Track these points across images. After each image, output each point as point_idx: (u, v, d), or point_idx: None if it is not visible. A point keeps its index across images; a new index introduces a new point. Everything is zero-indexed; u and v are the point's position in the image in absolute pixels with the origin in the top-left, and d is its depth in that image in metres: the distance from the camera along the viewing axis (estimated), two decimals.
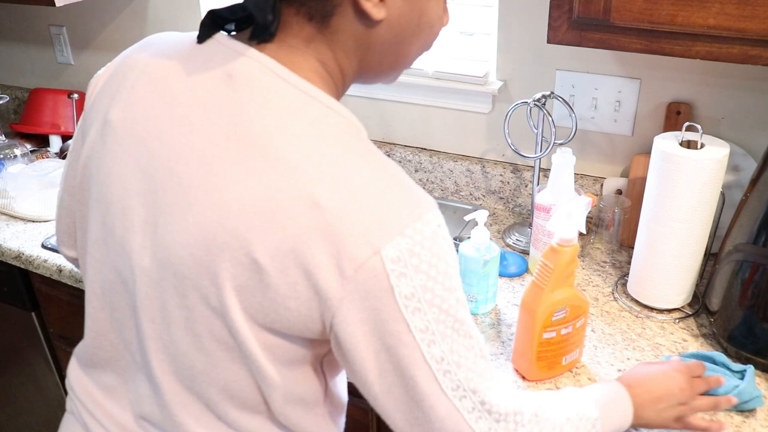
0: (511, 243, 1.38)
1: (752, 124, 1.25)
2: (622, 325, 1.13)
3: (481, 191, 1.53)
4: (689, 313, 1.14)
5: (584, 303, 0.98)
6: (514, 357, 1.03)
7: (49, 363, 1.63)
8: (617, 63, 1.31)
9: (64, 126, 1.89)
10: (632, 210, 1.29)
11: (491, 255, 1.11)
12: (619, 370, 1.02)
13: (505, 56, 1.40)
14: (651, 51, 0.98)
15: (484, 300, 1.15)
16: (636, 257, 1.15)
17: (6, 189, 1.57)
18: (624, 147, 1.38)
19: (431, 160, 1.55)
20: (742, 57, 0.93)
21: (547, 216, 1.18)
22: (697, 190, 1.03)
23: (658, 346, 1.07)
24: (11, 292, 1.56)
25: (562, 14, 1.01)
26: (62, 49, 1.99)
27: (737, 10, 0.89)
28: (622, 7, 0.96)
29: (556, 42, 1.04)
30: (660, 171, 1.06)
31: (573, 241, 0.92)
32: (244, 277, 0.60)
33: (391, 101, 1.55)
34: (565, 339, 0.98)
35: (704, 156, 1.02)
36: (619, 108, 1.34)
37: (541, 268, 0.94)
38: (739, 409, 0.94)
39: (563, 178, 1.18)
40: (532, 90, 1.39)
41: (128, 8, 1.82)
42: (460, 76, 1.43)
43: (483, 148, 1.51)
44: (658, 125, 1.32)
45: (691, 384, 0.87)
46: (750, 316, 1.01)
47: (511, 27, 1.37)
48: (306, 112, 0.62)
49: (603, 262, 1.30)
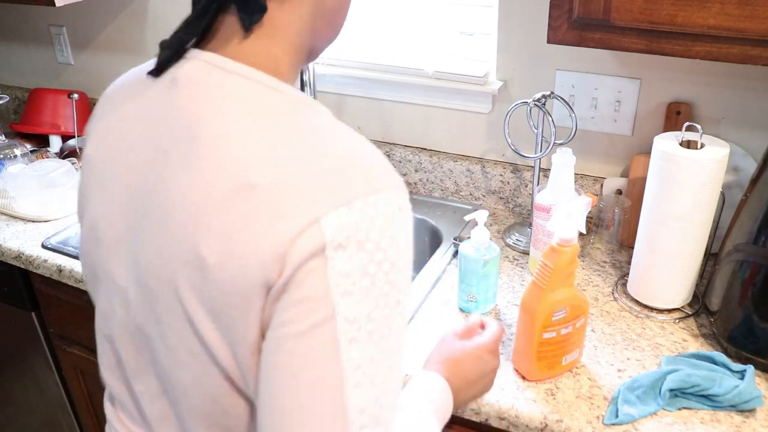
0: (511, 243, 1.38)
1: (752, 124, 1.25)
2: (622, 325, 1.13)
3: (481, 191, 1.53)
4: (689, 313, 1.14)
5: (584, 303, 0.98)
6: (514, 357, 1.03)
7: (49, 363, 1.63)
8: (617, 63, 1.31)
9: (64, 126, 1.89)
10: (632, 210, 1.29)
11: (491, 255, 1.11)
12: (619, 370, 1.02)
13: (505, 56, 1.41)
14: (651, 51, 0.98)
15: (484, 300, 1.15)
16: (636, 257, 1.16)
17: (6, 189, 1.57)
18: (624, 147, 1.38)
19: (431, 160, 1.55)
20: (742, 57, 0.93)
21: (547, 216, 1.18)
22: (697, 190, 1.03)
23: (658, 346, 1.07)
24: (11, 292, 1.56)
25: (562, 14, 1.01)
26: (62, 49, 1.99)
27: (737, 10, 0.89)
28: (622, 7, 0.96)
29: (556, 42, 1.04)
30: (660, 171, 1.06)
31: (573, 241, 0.92)
32: (197, 278, 0.56)
33: (391, 101, 1.55)
34: (565, 339, 0.98)
35: (704, 156, 1.02)
36: (619, 108, 1.34)
37: (541, 268, 0.94)
38: (739, 409, 0.94)
39: (563, 178, 1.18)
40: (532, 90, 1.39)
41: (128, 8, 1.82)
42: (460, 76, 1.43)
43: (483, 148, 1.51)
44: (658, 125, 1.32)
45: (498, 356, 0.86)
46: (750, 316, 1.01)
47: (511, 27, 1.37)
48: (244, 97, 0.59)
49: (603, 262, 1.30)
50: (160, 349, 0.64)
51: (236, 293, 0.55)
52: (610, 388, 0.99)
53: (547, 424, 0.94)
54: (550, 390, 0.99)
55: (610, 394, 0.98)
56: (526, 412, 0.95)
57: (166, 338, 0.62)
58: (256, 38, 0.62)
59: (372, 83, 1.53)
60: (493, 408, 0.97)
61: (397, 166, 1.59)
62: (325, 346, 0.53)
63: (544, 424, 0.94)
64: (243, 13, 0.61)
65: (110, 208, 0.67)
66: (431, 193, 1.59)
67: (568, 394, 0.98)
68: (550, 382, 1.01)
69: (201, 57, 0.62)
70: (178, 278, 0.58)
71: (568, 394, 0.98)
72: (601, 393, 0.98)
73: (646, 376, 0.97)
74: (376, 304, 0.54)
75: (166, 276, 0.59)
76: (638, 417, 0.93)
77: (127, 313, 0.67)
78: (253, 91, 0.60)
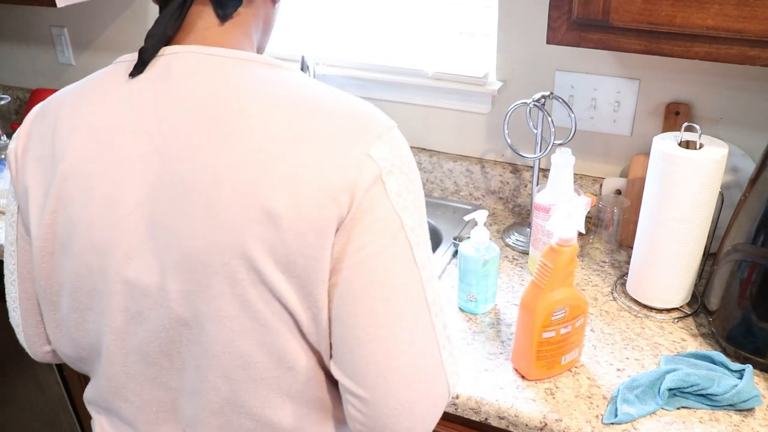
0: (510, 243, 1.38)
1: (751, 124, 1.25)
2: (621, 324, 1.13)
3: (481, 191, 1.54)
4: (688, 313, 1.15)
5: (583, 303, 0.98)
6: (514, 356, 1.04)
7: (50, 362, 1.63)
8: (616, 63, 1.31)
9: None
10: (631, 210, 1.30)
11: (491, 255, 1.11)
12: (618, 370, 1.03)
13: (504, 56, 1.41)
14: (650, 52, 0.99)
15: (484, 300, 1.15)
16: (635, 257, 1.16)
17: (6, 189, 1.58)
18: (623, 147, 1.38)
19: (431, 160, 1.56)
20: (741, 57, 0.93)
21: (546, 216, 1.18)
22: (696, 190, 1.04)
23: (657, 346, 1.07)
24: None
25: (561, 15, 1.02)
26: (63, 49, 2.00)
27: (736, 10, 0.90)
28: (621, 8, 0.96)
29: (555, 43, 1.04)
30: (659, 171, 1.06)
31: (572, 241, 0.93)
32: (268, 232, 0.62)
33: (391, 101, 1.55)
34: (564, 338, 0.99)
35: (703, 156, 1.02)
36: (619, 108, 1.34)
37: (540, 268, 0.95)
38: (738, 408, 0.94)
39: (562, 178, 1.18)
40: (532, 90, 1.39)
41: (129, 9, 1.82)
42: (460, 77, 1.43)
43: (482, 148, 1.52)
44: (657, 125, 1.33)
45: None
46: (748, 316, 1.01)
47: (511, 27, 1.37)
48: (251, 74, 0.66)
49: (602, 262, 1.31)
50: (211, 332, 0.65)
51: (311, 231, 0.61)
52: (609, 387, 0.99)
53: (547, 423, 0.94)
54: (550, 389, 0.99)
55: (609, 393, 0.98)
56: (526, 411, 0.96)
57: (220, 316, 0.65)
58: (229, 29, 0.69)
59: (372, 84, 1.53)
60: (492, 407, 0.97)
61: None
62: (405, 252, 0.65)
63: (543, 423, 0.95)
64: (219, 7, 0.68)
65: (119, 216, 0.66)
66: (431, 193, 1.59)
67: (567, 393, 0.99)
68: (550, 382, 1.01)
69: (189, 49, 0.67)
70: (247, 241, 0.61)
71: (567, 394, 0.98)
72: (600, 392, 0.99)
73: (645, 376, 0.97)
74: (420, 214, 0.67)
75: (226, 248, 0.62)
76: (637, 416, 0.93)
77: (164, 310, 0.67)
78: (254, 68, 0.67)
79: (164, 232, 0.64)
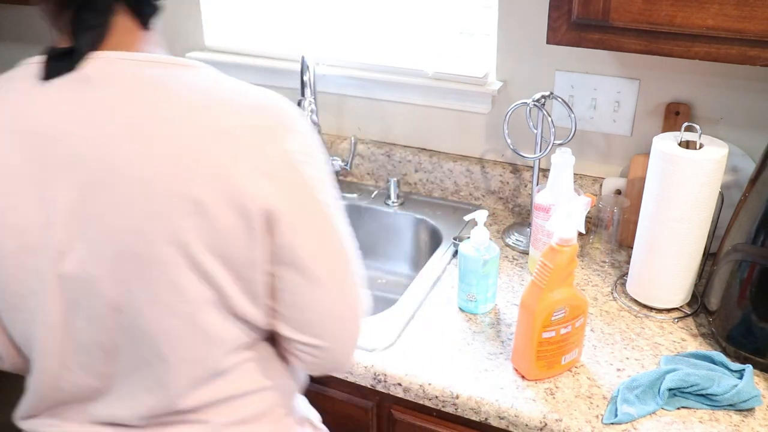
0: (510, 243, 1.38)
1: (751, 124, 1.25)
2: (621, 324, 1.13)
3: (481, 191, 1.54)
4: (688, 313, 1.15)
5: (583, 303, 0.98)
6: (514, 356, 1.04)
7: None
8: (616, 63, 1.31)
9: None
10: (631, 210, 1.30)
11: (491, 255, 1.11)
12: (618, 370, 1.03)
13: (504, 56, 1.41)
14: (650, 52, 0.99)
15: (484, 300, 1.15)
16: (635, 257, 1.16)
17: None
18: (623, 147, 1.38)
19: (431, 160, 1.56)
20: (741, 57, 0.93)
21: (546, 216, 1.18)
22: (696, 190, 1.04)
23: (657, 346, 1.07)
24: None
25: (561, 15, 1.02)
26: None
27: (736, 10, 0.90)
28: (621, 8, 0.96)
29: (555, 43, 1.04)
30: (659, 171, 1.06)
31: (572, 240, 0.93)
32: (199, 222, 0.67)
33: (391, 101, 1.55)
34: (564, 338, 0.99)
35: (703, 156, 1.02)
36: (618, 108, 1.34)
37: (540, 268, 0.95)
38: (738, 408, 0.94)
39: (562, 178, 1.18)
40: (532, 90, 1.39)
41: None
42: (460, 77, 1.43)
43: (482, 148, 1.52)
44: (657, 125, 1.33)
45: None
46: (748, 316, 1.01)
47: (511, 27, 1.37)
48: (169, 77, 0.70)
49: (602, 262, 1.31)
50: (146, 315, 0.71)
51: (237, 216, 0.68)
52: (609, 387, 0.99)
53: (547, 423, 0.94)
54: (550, 389, 0.99)
55: (609, 393, 0.98)
56: (526, 411, 0.96)
57: (156, 301, 0.70)
58: (144, 35, 0.73)
59: (372, 84, 1.53)
60: (492, 407, 0.97)
61: (397, 166, 1.59)
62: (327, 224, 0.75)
63: (543, 423, 0.95)
64: (139, 15, 0.72)
65: (51, 217, 0.68)
66: (431, 193, 1.59)
67: (567, 393, 0.99)
68: (550, 382, 1.01)
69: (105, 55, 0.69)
70: (178, 230, 0.67)
71: (567, 394, 0.98)
72: (600, 392, 0.99)
73: (645, 376, 0.97)
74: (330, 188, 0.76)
75: (160, 238, 0.67)
76: (637, 416, 0.93)
77: (100, 300, 0.70)
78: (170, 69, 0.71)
79: (98, 228, 0.68)
